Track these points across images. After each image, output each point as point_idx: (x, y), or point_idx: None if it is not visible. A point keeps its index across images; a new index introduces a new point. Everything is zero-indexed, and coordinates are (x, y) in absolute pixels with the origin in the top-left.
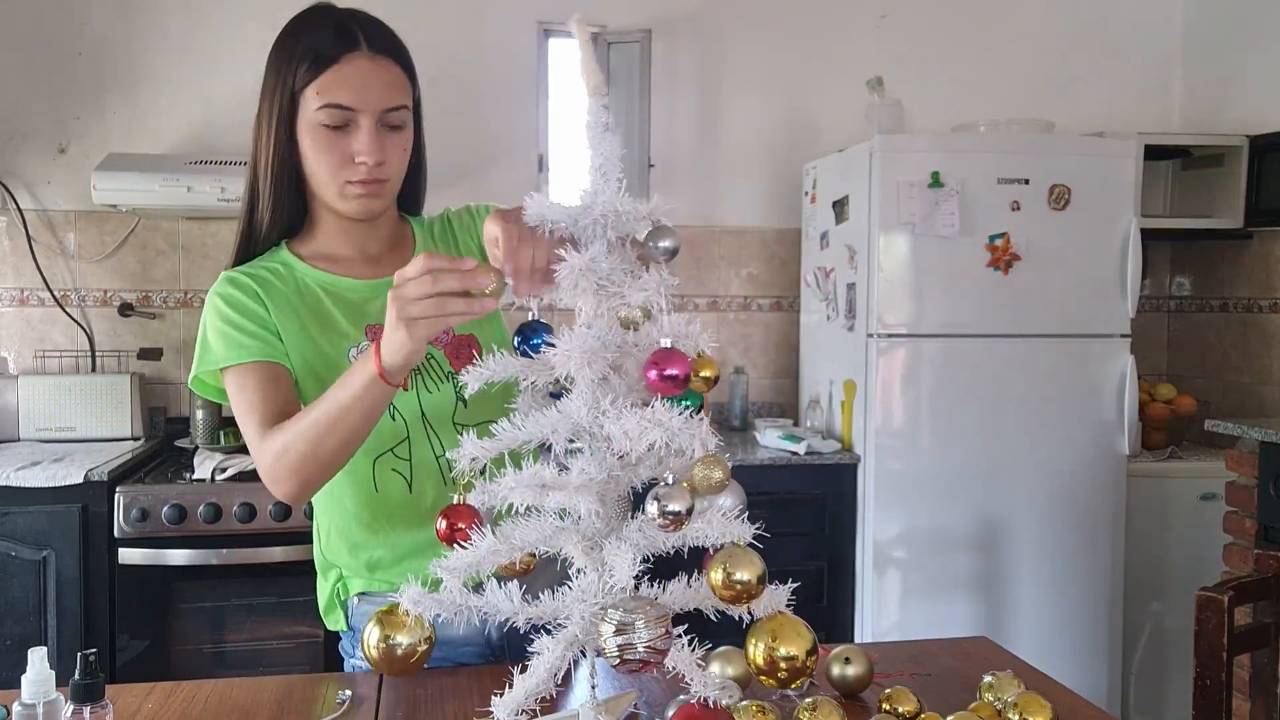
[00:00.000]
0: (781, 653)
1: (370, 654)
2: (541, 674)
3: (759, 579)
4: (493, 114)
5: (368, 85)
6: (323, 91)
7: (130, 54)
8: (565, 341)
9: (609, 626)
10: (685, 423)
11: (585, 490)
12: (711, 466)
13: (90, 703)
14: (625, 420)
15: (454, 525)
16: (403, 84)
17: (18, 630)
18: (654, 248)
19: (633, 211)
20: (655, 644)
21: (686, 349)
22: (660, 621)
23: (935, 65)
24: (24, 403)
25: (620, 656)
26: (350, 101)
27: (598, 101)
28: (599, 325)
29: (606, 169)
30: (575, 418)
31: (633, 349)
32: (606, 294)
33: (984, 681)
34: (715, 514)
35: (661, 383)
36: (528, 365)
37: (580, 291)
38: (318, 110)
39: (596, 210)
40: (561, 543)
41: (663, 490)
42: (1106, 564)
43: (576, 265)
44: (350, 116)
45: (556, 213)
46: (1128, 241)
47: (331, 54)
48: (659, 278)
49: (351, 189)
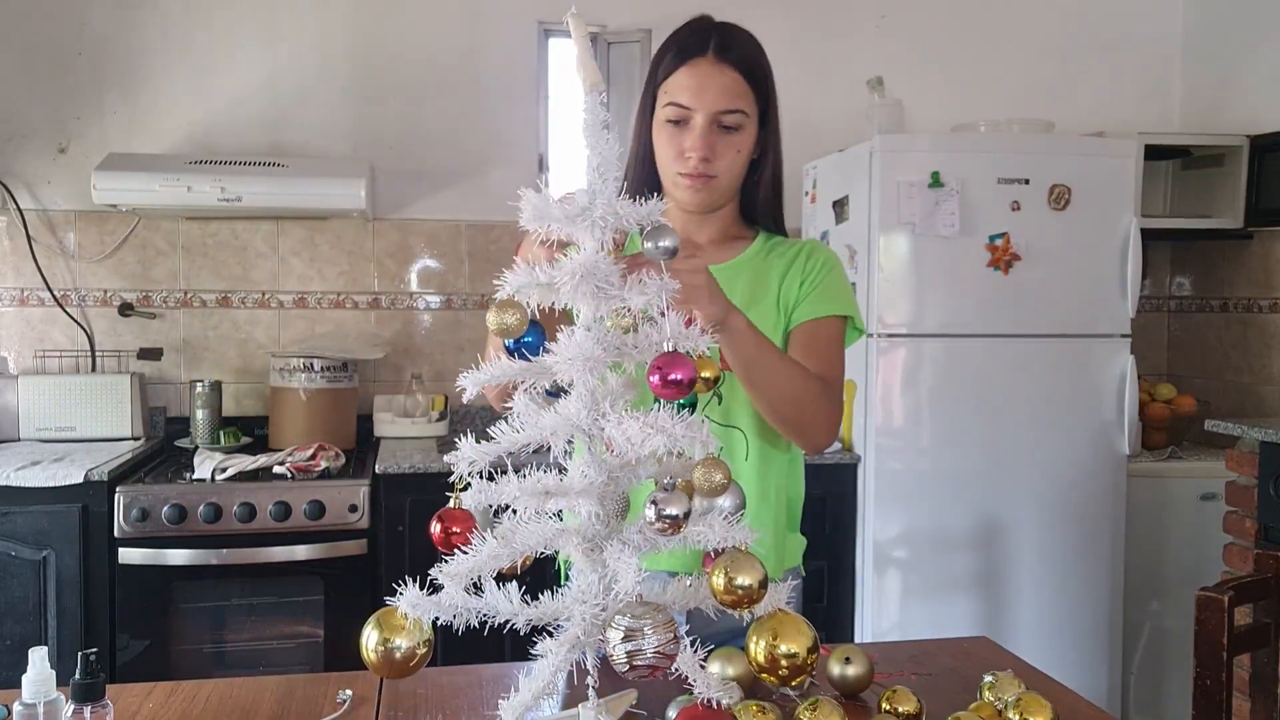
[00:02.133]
0: (783, 650)
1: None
2: (547, 676)
3: (760, 583)
4: (493, 114)
5: (705, 87)
6: (669, 90)
7: (130, 54)
8: (567, 346)
9: (617, 633)
10: (687, 428)
11: (586, 494)
12: (712, 468)
13: (91, 702)
14: (627, 426)
15: (449, 529)
16: (743, 91)
17: (18, 630)
18: (654, 248)
19: (632, 212)
20: (664, 649)
21: (686, 350)
22: (668, 626)
23: (935, 65)
24: (24, 402)
25: (629, 663)
26: (688, 101)
27: (595, 98)
28: (598, 328)
29: (604, 168)
30: (575, 420)
31: (632, 351)
32: (606, 296)
33: (984, 681)
34: (716, 517)
35: (665, 388)
36: (527, 369)
37: (580, 295)
38: (664, 107)
39: (596, 212)
40: (561, 545)
41: (660, 495)
42: (1106, 564)
43: (577, 268)
44: (687, 114)
45: (555, 213)
46: (1128, 241)
47: (683, 57)
48: (659, 280)
49: (682, 180)
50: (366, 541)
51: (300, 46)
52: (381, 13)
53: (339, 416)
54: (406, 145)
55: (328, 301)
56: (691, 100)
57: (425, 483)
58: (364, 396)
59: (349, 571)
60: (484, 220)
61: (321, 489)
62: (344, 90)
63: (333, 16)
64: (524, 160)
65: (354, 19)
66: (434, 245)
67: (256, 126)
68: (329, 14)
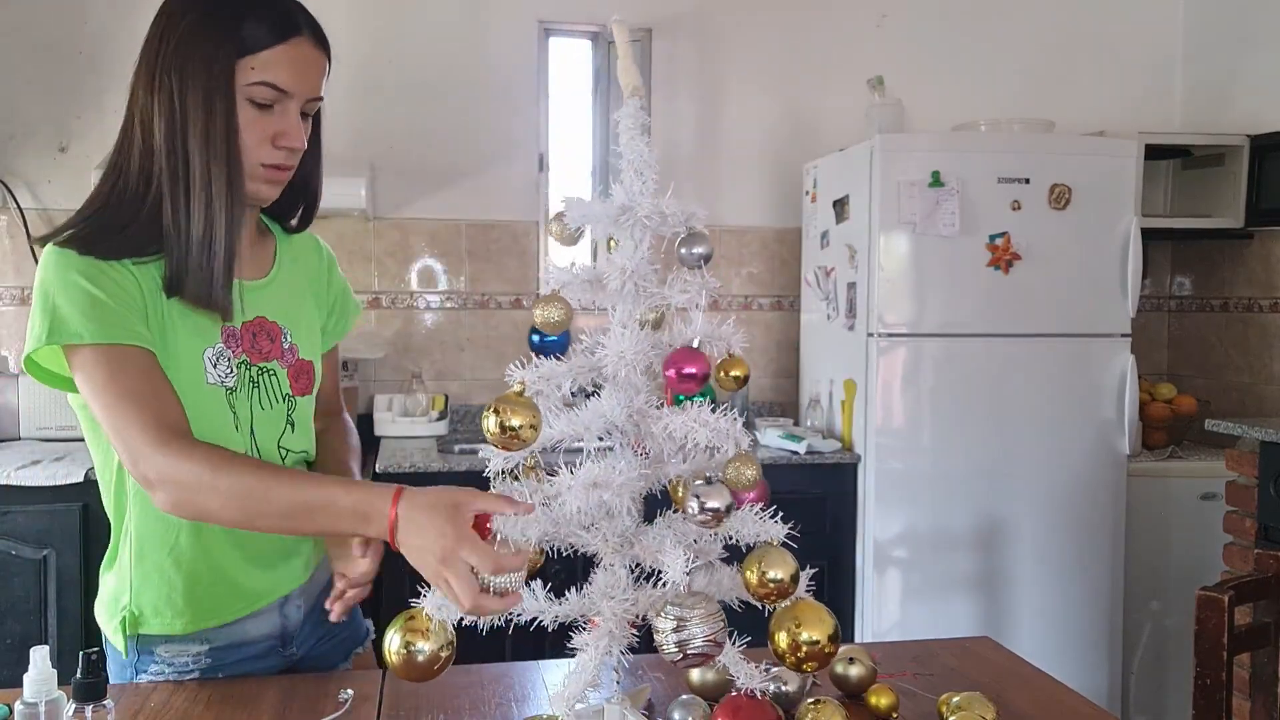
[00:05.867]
0: (804, 638)
1: (390, 660)
2: (591, 670)
3: (792, 577)
4: (493, 114)
5: (307, 71)
6: (260, 67)
7: (131, 53)
8: (614, 343)
9: (668, 623)
10: (730, 423)
11: (624, 489)
12: (743, 464)
13: (92, 701)
14: (668, 420)
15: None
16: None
17: (18, 629)
18: (688, 254)
19: (678, 214)
20: (714, 637)
21: (718, 349)
22: (715, 616)
23: (935, 65)
24: (24, 401)
25: (682, 652)
26: (287, 83)
27: (636, 103)
28: (633, 326)
29: (643, 170)
30: (610, 416)
31: (667, 349)
32: (646, 294)
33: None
34: (747, 512)
35: (680, 382)
36: (572, 367)
37: (624, 293)
38: (251, 85)
39: (641, 212)
40: (591, 540)
41: (702, 488)
42: (1106, 564)
43: (625, 267)
44: (282, 98)
45: (598, 214)
46: (1128, 241)
47: (281, 33)
48: (700, 279)
49: (265, 171)
50: None
51: None
52: (382, 12)
53: None
54: (406, 145)
55: None
56: (292, 82)
57: (426, 482)
58: (364, 395)
59: None
60: (484, 219)
61: None
62: (344, 90)
63: (333, 16)
64: (524, 160)
65: (354, 19)
66: (434, 244)
67: None
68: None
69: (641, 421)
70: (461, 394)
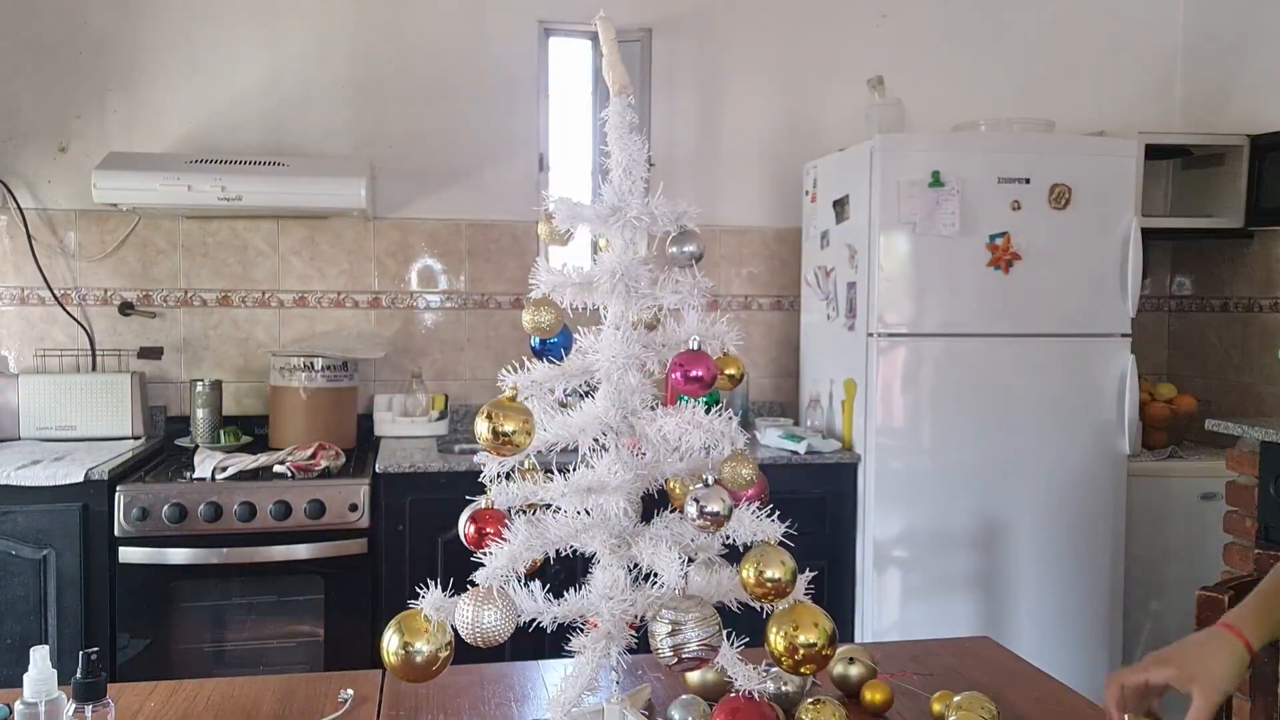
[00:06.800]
0: (801, 640)
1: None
2: (588, 672)
3: (790, 577)
4: (493, 114)
5: None
6: None
7: (131, 53)
8: (606, 344)
9: (663, 627)
10: (725, 424)
11: (620, 491)
12: (739, 463)
13: (92, 701)
14: (663, 421)
15: (482, 529)
16: None
17: (18, 629)
18: (679, 252)
19: (669, 214)
20: (709, 641)
21: (712, 348)
22: (710, 620)
23: (935, 65)
24: (24, 401)
25: (677, 655)
26: None
27: (623, 101)
28: (625, 326)
29: (632, 169)
30: (604, 419)
31: (659, 348)
32: (637, 295)
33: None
34: (745, 511)
35: (687, 384)
36: (564, 371)
37: (615, 294)
38: None
39: (630, 212)
40: (588, 541)
41: (701, 491)
42: (1106, 563)
43: (615, 269)
44: None
45: (588, 215)
46: (1128, 241)
47: None
48: (693, 279)
49: None
50: (367, 541)
51: (300, 46)
52: (381, 12)
53: (339, 416)
54: (406, 145)
55: (328, 301)
56: None
57: (425, 482)
58: (364, 395)
59: (349, 571)
60: (484, 219)
61: (322, 488)
62: (344, 90)
63: (333, 16)
64: (524, 159)
65: (354, 18)
66: (434, 244)
67: (256, 126)
68: (329, 14)
69: (636, 423)
70: (461, 394)
